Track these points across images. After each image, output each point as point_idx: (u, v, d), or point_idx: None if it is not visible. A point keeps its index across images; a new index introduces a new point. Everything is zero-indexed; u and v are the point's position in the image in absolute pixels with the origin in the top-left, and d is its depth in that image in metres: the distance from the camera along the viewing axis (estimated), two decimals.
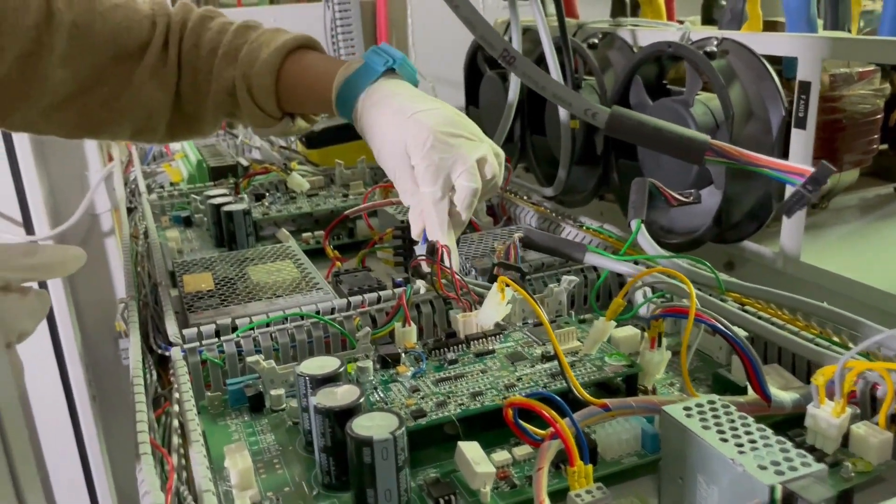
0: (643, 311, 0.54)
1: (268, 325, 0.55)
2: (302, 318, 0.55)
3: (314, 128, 1.05)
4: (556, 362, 0.47)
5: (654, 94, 0.78)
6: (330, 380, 0.43)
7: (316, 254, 0.81)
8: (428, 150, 0.58)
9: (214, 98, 0.71)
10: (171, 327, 0.56)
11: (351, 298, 0.58)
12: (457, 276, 0.53)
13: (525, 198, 0.84)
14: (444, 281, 0.54)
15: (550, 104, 0.92)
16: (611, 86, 0.88)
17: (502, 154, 0.62)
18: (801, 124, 0.66)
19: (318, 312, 0.57)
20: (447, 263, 0.54)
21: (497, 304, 0.49)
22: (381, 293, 0.59)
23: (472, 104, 1.14)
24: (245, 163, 1.02)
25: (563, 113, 0.83)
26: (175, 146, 1.20)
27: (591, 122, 0.36)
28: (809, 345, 0.47)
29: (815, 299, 0.70)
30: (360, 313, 0.56)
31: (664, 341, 0.48)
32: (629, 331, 0.52)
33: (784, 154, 0.67)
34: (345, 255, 0.77)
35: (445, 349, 0.49)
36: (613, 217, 0.91)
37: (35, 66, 0.64)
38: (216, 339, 0.53)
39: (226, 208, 0.79)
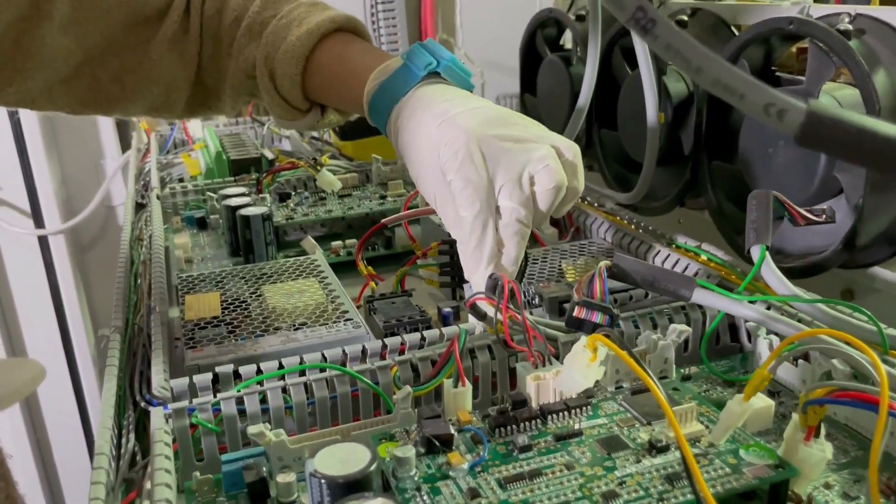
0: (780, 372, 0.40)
1: (281, 377, 0.43)
2: (322, 370, 0.43)
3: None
4: (670, 456, 0.34)
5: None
6: (356, 486, 0.30)
7: (346, 266, 0.69)
8: (462, 160, 0.45)
9: (233, 79, 0.58)
10: (158, 375, 0.44)
11: (387, 341, 0.45)
12: (528, 323, 0.39)
13: (596, 205, 0.71)
14: (510, 326, 0.41)
15: (626, 90, 0.78)
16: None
17: (577, 149, 0.48)
18: None
19: (343, 360, 0.44)
20: (512, 304, 0.41)
21: (585, 367, 0.36)
22: (426, 333, 0.46)
23: (529, 92, 1.00)
24: (270, 155, 0.90)
25: (649, 103, 0.68)
26: (197, 133, 1.09)
27: (774, 124, 0.23)
28: None
29: None
30: (398, 361, 0.44)
31: (822, 429, 0.34)
32: (760, 401, 0.38)
33: None
34: (380, 270, 0.64)
35: (514, 426, 0.36)
36: (693, 227, 0.77)
37: (32, 34, 0.53)
38: (212, 397, 0.41)
39: (242, 212, 0.67)
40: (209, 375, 0.43)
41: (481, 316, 0.43)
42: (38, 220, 1.13)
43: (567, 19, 0.89)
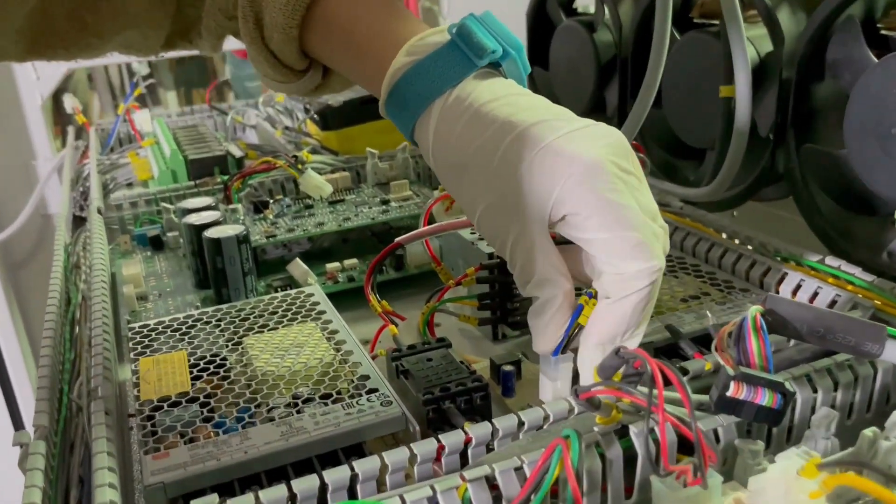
0: None
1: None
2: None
3: (332, 98, 0.77)
4: None
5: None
6: None
7: (348, 296, 0.54)
8: (617, 209, 0.33)
9: (208, 17, 0.42)
10: (102, 496, 0.29)
11: (443, 439, 0.31)
12: (705, 442, 0.24)
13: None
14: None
15: (676, 56, 0.63)
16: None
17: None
18: None
19: (381, 474, 0.30)
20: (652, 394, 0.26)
21: None
22: (500, 424, 0.31)
23: (539, 65, 0.85)
24: (238, 152, 0.74)
25: (739, 68, 0.54)
26: (145, 127, 0.92)
27: None
28: None
29: None
30: (468, 478, 0.29)
31: None
32: None
33: None
34: (393, 301, 0.49)
35: None
36: (753, 222, 0.63)
37: None
38: None
39: (211, 233, 0.51)
40: None
41: (596, 406, 0.29)
42: None
43: None
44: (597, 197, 0.32)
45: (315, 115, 0.78)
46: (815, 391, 0.34)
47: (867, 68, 0.49)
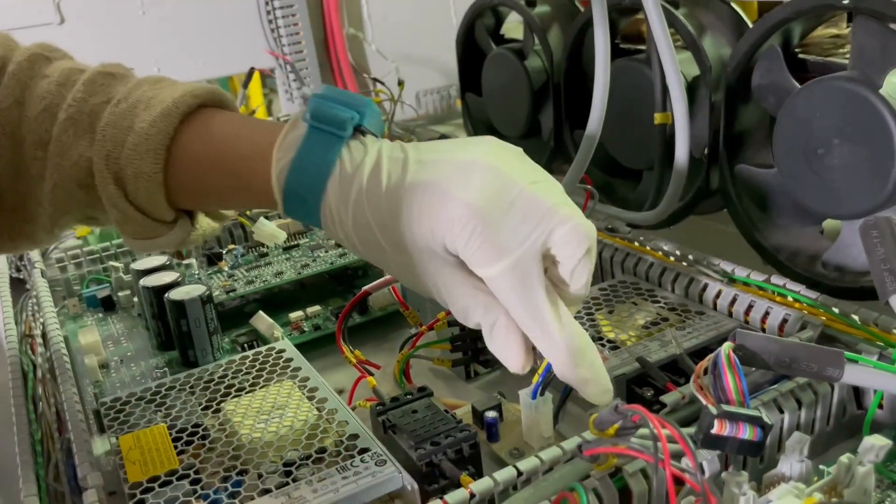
0: None
1: None
2: None
3: None
4: None
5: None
6: None
7: (316, 346, 0.54)
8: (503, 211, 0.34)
9: (55, 192, 0.39)
10: None
11: (449, 500, 0.32)
12: (712, 495, 0.26)
13: (605, 229, 0.59)
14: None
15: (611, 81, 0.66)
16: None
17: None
18: None
19: None
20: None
21: None
22: (499, 478, 0.33)
23: (471, 91, 0.87)
24: None
25: (675, 96, 0.57)
26: None
27: None
28: None
29: None
30: None
31: None
32: None
33: None
34: (358, 347, 0.50)
35: None
36: (693, 236, 0.67)
37: None
38: None
39: (172, 295, 0.51)
40: None
41: (594, 458, 0.30)
42: None
43: (515, 4, 0.77)
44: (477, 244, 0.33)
45: None
46: (782, 412, 0.36)
47: (791, 93, 0.52)
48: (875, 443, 0.30)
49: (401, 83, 0.90)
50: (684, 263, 0.52)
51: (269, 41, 1.04)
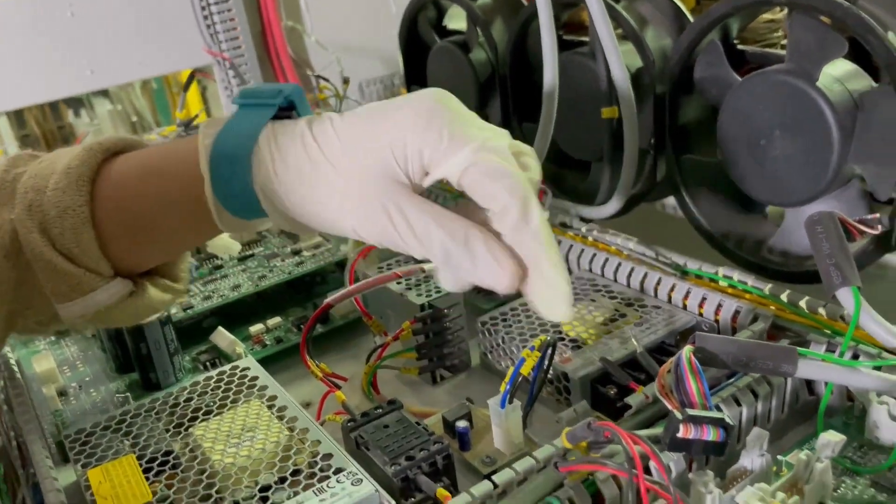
0: None
1: None
2: None
3: None
4: None
5: None
6: None
7: (279, 358, 0.54)
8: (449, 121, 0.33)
9: None
10: None
11: None
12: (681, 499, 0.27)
13: (559, 224, 0.60)
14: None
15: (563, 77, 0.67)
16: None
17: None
18: None
19: None
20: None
21: None
22: (476, 492, 0.34)
23: (418, 83, 0.87)
24: None
25: (621, 87, 0.58)
26: None
27: None
28: None
29: None
30: None
31: None
32: None
33: None
34: (322, 357, 0.50)
35: None
36: (646, 226, 0.68)
37: None
38: None
39: None
40: None
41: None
42: None
43: None
44: (439, 133, 0.33)
45: None
46: (740, 405, 0.38)
47: (732, 86, 0.54)
48: (831, 439, 0.31)
49: (346, 80, 0.89)
50: (638, 257, 0.53)
51: (206, 38, 1.01)
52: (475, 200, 0.34)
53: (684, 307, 0.48)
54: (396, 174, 0.34)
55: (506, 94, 0.75)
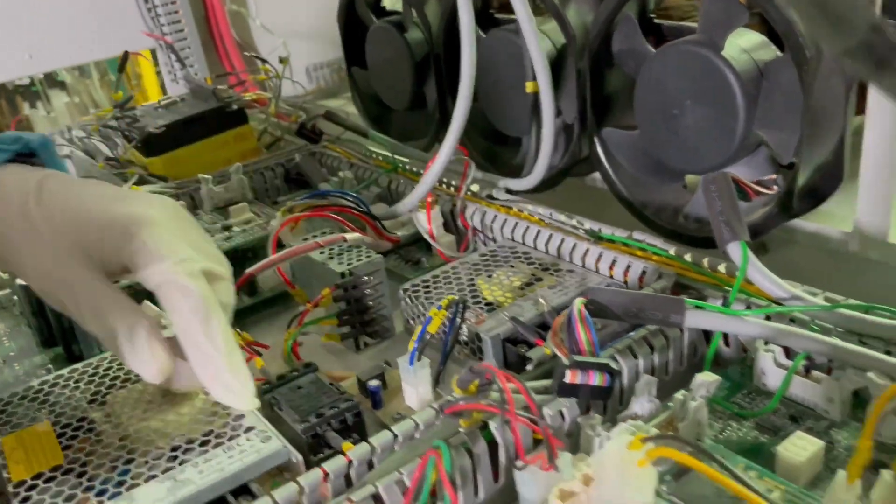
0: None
1: None
2: None
3: (153, 125, 0.75)
4: None
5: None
6: None
7: None
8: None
9: None
10: None
11: (326, 466, 0.33)
12: (550, 433, 0.29)
13: (485, 196, 0.61)
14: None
15: (485, 53, 0.68)
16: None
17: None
18: None
19: None
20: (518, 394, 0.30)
21: (636, 475, 0.27)
22: (376, 442, 0.35)
23: (356, 64, 0.88)
24: None
25: (538, 69, 0.59)
26: None
27: None
28: None
29: None
30: (355, 500, 0.32)
31: None
32: (810, 445, 0.32)
33: None
34: (249, 329, 0.51)
35: None
36: (575, 199, 0.70)
37: None
38: None
39: None
40: None
41: (459, 414, 0.32)
42: None
43: None
44: (143, 243, 0.36)
45: (138, 142, 0.76)
46: (637, 357, 0.40)
47: (647, 58, 0.55)
48: (706, 379, 0.33)
49: (282, 59, 0.89)
50: (558, 225, 0.54)
51: (147, 22, 1.01)
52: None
53: (597, 270, 0.50)
54: (92, 262, 0.36)
55: (440, 73, 0.76)
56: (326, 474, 0.34)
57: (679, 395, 0.33)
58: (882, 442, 0.32)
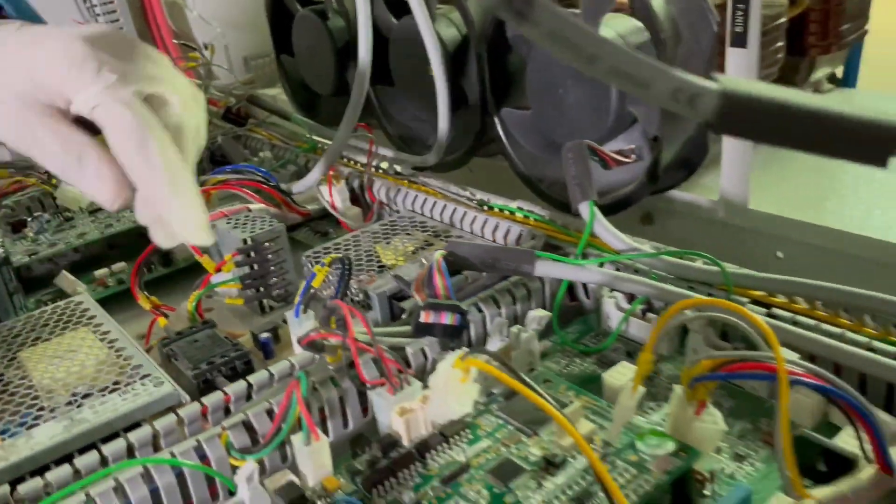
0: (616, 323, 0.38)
1: (80, 488, 0.33)
2: (143, 466, 0.34)
3: None
4: (571, 470, 0.31)
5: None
6: None
7: (121, 299, 0.58)
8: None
9: None
10: None
11: (205, 401, 0.37)
12: (386, 356, 0.33)
13: (393, 173, 0.65)
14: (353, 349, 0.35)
15: (398, 41, 0.72)
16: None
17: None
18: (741, 42, 0.52)
19: (155, 440, 0.36)
20: (356, 325, 0.34)
21: (459, 390, 0.31)
22: (253, 379, 0.38)
23: (284, 52, 0.91)
24: None
25: (433, 57, 0.63)
26: None
27: (687, 112, 0.19)
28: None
29: (770, 252, 0.59)
30: (227, 426, 0.36)
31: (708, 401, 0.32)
32: (622, 372, 0.36)
33: None
34: (166, 297, 0.55)
35: (392, 479, 0.31)
36: (488, 177, 0.74)
37: None
38: None
39: None
40: None
41: (319, 349, 0.36)
42: None
43: None
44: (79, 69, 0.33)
45: None
46: (499, 307, 0.44)
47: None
48: (537, 314, 0.37)
49: (207, 46, 0.92)
50: (454, 197, 0.59)
51: (82, 11, 1.02)
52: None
53: (482, 235, 0.54)
54: (38, 98, 0.35)
55: (356, 60, 0.80)
56: (206, 408, 0.37)
57: (514, 328, 0.37)
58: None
